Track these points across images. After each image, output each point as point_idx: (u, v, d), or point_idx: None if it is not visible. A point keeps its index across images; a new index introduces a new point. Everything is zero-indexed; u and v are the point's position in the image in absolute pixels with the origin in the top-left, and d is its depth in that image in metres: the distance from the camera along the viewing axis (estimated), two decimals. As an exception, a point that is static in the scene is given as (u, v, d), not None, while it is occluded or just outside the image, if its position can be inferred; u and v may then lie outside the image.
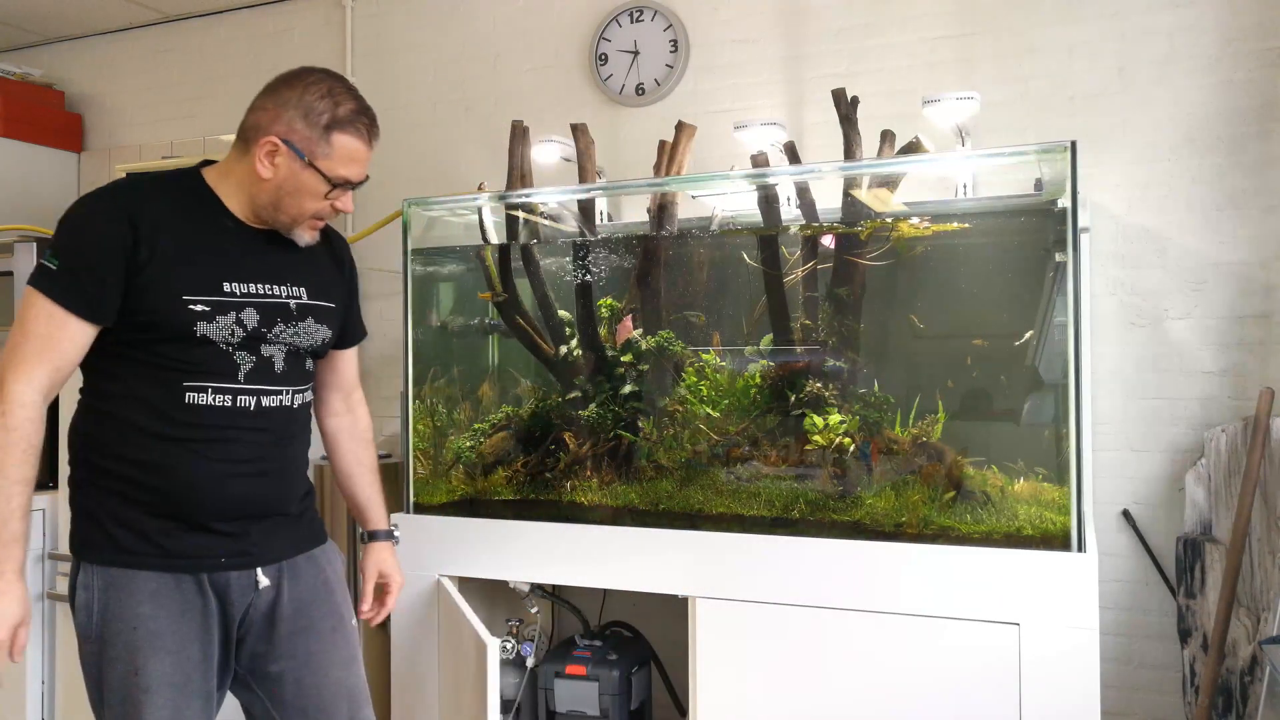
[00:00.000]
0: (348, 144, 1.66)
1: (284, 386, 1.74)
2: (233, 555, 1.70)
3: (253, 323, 1.68)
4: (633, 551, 2.33)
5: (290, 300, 1.74)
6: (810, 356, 2.45)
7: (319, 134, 1.65)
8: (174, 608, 1.65)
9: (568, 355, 2.68)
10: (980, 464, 2.28)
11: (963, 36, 2.88)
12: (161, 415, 1.63)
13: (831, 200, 2.50)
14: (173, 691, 1.63)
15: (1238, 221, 2.62)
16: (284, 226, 1.72)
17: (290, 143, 1.65)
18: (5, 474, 1.54)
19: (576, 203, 2.87)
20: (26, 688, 3.15)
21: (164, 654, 1.63)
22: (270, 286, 1.72)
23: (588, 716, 2.51)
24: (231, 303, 1.66)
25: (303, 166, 1.65)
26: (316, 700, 1.77)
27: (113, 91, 4.14)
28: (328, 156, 1.65)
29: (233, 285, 1.67)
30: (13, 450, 1.54)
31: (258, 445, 1.71)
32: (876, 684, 2.11)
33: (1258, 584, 2.46)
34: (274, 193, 1.68)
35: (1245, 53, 2.61)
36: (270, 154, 1.66)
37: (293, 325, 1.74)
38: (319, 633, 1.78)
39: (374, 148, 1.72)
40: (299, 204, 1.68)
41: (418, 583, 2.51)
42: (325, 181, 1.66)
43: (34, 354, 1.58)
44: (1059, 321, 2.11)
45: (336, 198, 1.70)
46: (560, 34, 3.36)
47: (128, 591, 1.63)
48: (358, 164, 1.69)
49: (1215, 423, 2.61)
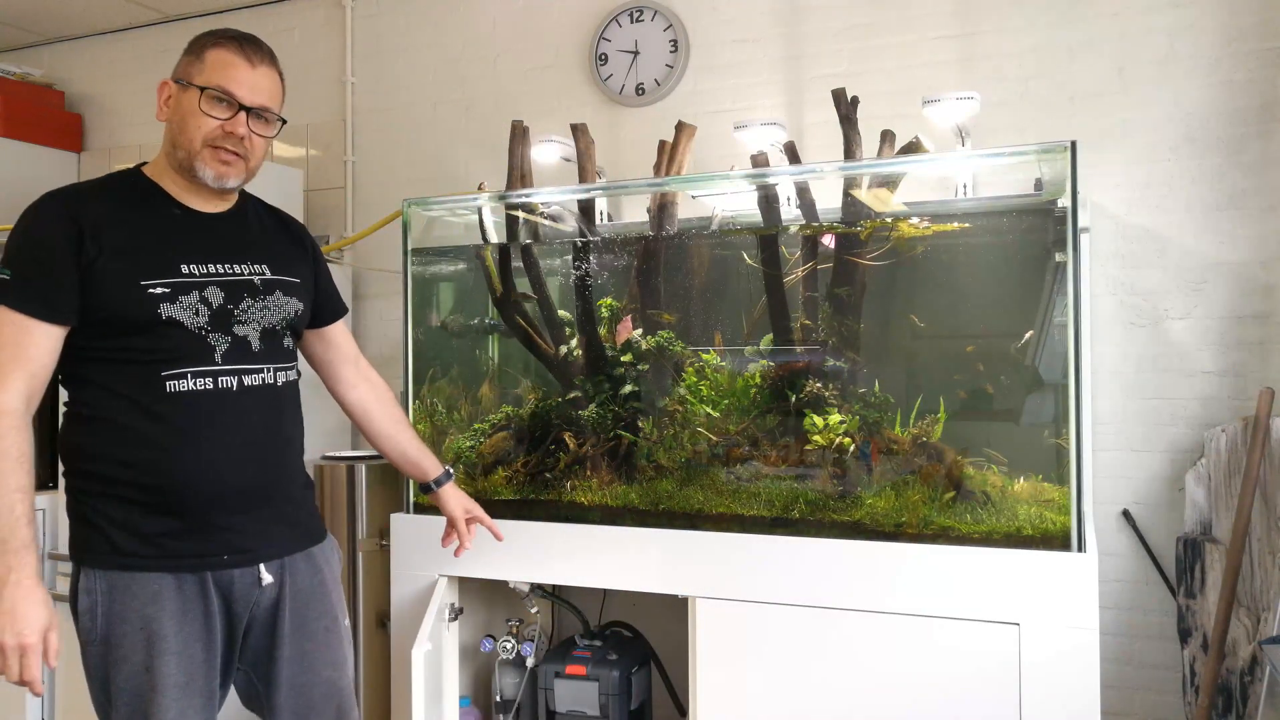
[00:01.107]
0: (217, 55, 1.68)
1: (264, 365, 1.74)
2: (234, 553, 1.69)
3: (218, 300, 1.68)
4: (633, 551, 2.33)
5: (254, 276, 1.74)
6: (810, 356, 2.45)
7: (194, 58, 1.70)
8: (175, 609, 1.64)
9: (568, 355, 2.68)
10: (980, 464, 2.28)
11: (963, 36, 2.88)
12: (145, 410, 1.63)
13: (831, 200, 2.50)
14: (178, 692, 1.63)
15: (1238, 221, 2.62)
16: (192, 168, 1.70)
17: (175, 79, 1.71)
18: (3, 483, 1.53)
19: (576, 203, 2.87)
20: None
21: (169, 655, 1.63)
22: (230, 265, 1.72)
23: (588, 716, 2.51)
24: (192, 283, 1.66)
25: (183, 90, 1.69)
26: (307, 699, 1.78)
27: (113, 91, 4.14)
28: (201, 71, 1.68)
29: (190, 266, 1.67)
30: (5, 460, 1.54)
31: (246, 428, 1.70)
32: (876, 684, 2.11)
33: (1258, 584, 2.46)
34: (173, 132, 1.70)
35: (1245, 53, 2.62)
36: (165, 99, 1.72)
37: (260, 300, 1.73)
38: (312, 633, 1.79)
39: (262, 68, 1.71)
40: (189, 132, 1.68)
41: (417, 582, 2.51)
42: (199, 91, 1.66)
43: (7, 363, 1.58)
44: (1059, 321, 2.11)
45: (221, 115, 1.67)
46: (560, 34, 3.36)
47: (130, 594, 1.63)
48: (233, 73, 1.68)
49: (1215, 423, 2.61)
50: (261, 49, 1.73)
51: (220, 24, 4.09)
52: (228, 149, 1.68)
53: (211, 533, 1.67)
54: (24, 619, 1.50)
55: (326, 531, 1.90)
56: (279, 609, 1.75)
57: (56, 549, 3.18)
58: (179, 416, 1.64)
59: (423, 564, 2.51)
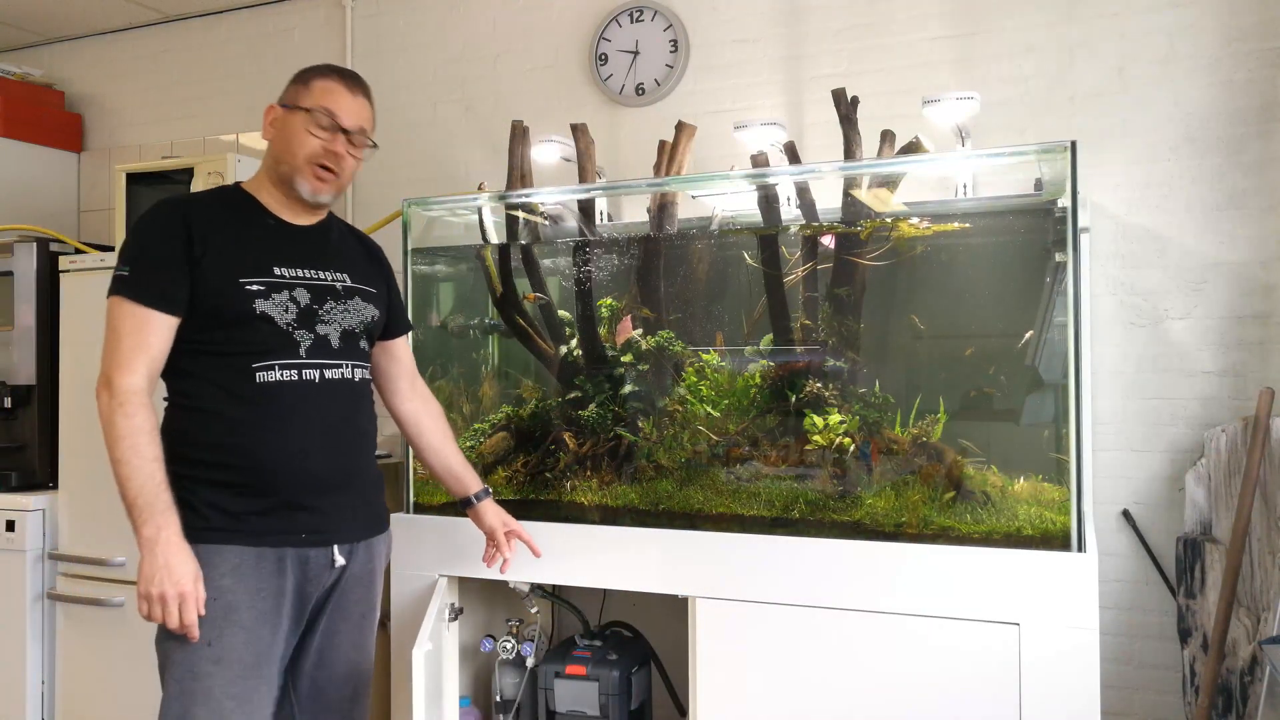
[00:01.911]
0: (322, 83, 1.90)
1: (343, 361, 1.92)
2: (312, 533, 1.85)
3: (305, 300, 1.87)
4: (633, 551, 2.33)
5: (336, 282, 1.94)
6: (810, 356, 2.45)
7: (300, 86, 1.92)
8: (252, 584, 1.78)
9: (568, 355, 2.68)
10: (980, 464, 2.28)
11: (963, 36, 2.88)
12: (237, 398, 1.80)
13: (831, 200, 2.50)
14: (242, 669, 1.76)
15: (1238, 221, 2.62)
16: (292, 182, 1.90)
17: (282, 103, 1.93)
18: (142, 454, 1.72)
19: (576, 203, 2.87)
20: (26, 687, 3.15)
21: (238, 629, 1.76)
22: (316, 271, 1.92)
23: (588, 716, 2.51)
24: (283, 283, 1.86)
25: (289, 112, 1.90)
26: (329, 674, 1.94)
27: (113, 91, 4.14)
28: (307, 96, 1.89)
29: (281, 269, 1.87)
30: (141, 435, 1.73)
31: (327, 417, 1.88)
32: (876, 684, 2.11)
33: (1258, 584, 2.46)
34: (276, 150, 1.91)
35: (1245, 53, 2.61)
36: (271, 121, 1.93)
37: (341, 303, 1.93)
38: (349, 615, 1.96)
39: (359, 97, 1.93)
40: (293, 151, 1.88)
41: (417, 582, 2.51)
42: (304, 112, 1.87)
43: (130, 351, 1.77)
44: (1059, 321, 2.11)
45: (324, 138, 1.88)
46: (560, 34, 3.36)
47: (211, 565, 1.76)
48: (336, 99, 1.89)
49: (1215, 423, 2.61)
50: (360, 82, 1.96)
51: (220, 23, 4.12)
52: (325, 166, 1.90)
53: (294, 513, 1.83)
54: (179, 571, 1.69)
55: (388, 524, 2.08)
56: (334, 589, 1.92)
57: (57, 549, 3.18)
58: (267, 404, 1.82)
59: (423, 564, 2.51)
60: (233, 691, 1.74)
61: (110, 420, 1.75)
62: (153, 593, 1.69)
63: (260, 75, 3.86)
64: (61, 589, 3.17)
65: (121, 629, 3.07)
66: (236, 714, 1.75)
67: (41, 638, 3.18)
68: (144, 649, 2.98)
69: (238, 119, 3.88)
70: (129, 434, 1.73)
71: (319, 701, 1.95)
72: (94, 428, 3.28)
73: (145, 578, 1.69)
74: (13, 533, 3.18)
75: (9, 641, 3.17)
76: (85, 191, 4.17)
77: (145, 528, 1.70)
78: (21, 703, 3.15)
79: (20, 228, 3.45)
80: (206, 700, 1.73)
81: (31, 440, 3.30)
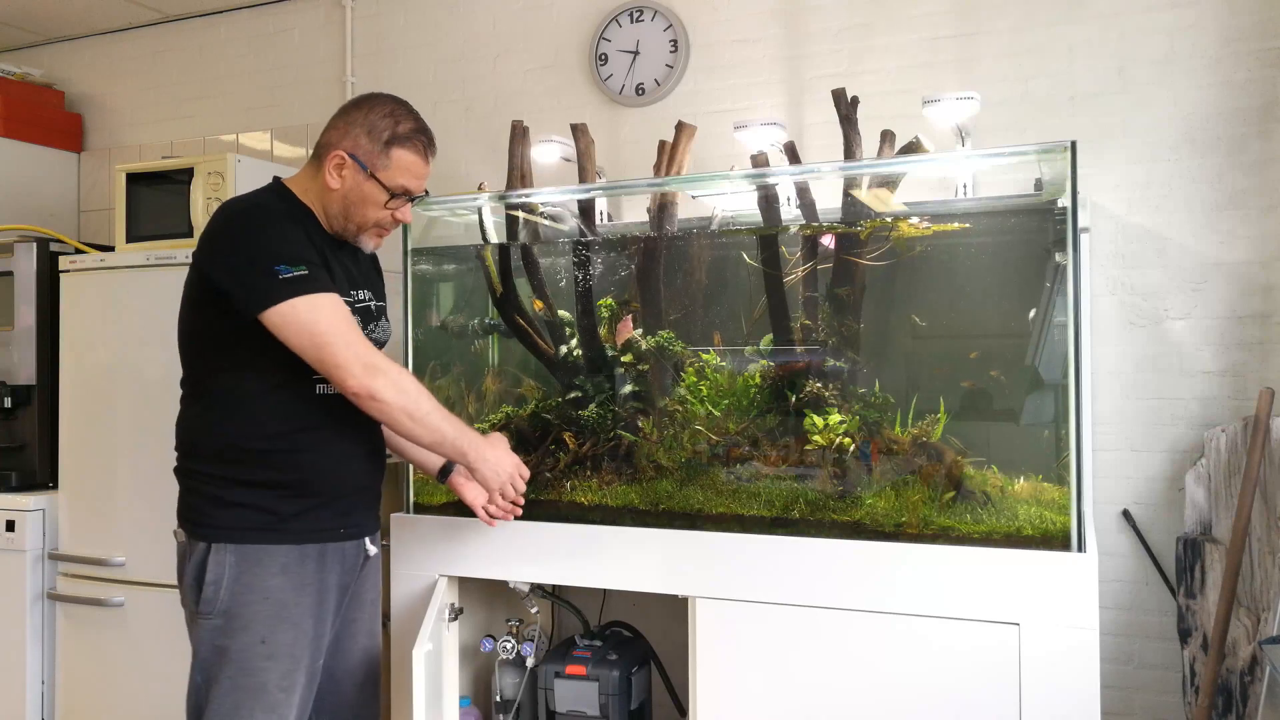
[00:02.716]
0: (405, 158, 1.89)
1: None
2: (349, 528, 1.95)
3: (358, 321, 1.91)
4: (633, 551, 2.33)
5: (370, 303, 2.01)
6: (810, 356, 2.45)
7: (380, 148, 1.87)
8: (298, 581, 1.85)
9: (568, 355, 2.68)
10: (980, 464, 2.27)
11: (963, 36, 2.88)
12: (297, 409, 1.86)
13: (831, 200, 2.50)
14: (291, 663, 1.83)
15: (1238, 221, 2.62)
16: (350, 235, 1.94)
17: (355, 156, 1.87)
18: (433, 401, 1.88)
19: (576, 203, 2.87)
20: (26, 688, 3.15)
21: (288, 625, 1.83)
22: (360, 292, 1.98)
23: (588, 716, 2.51)
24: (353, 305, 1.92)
25: (365, 178, 1.87)
26: (345, 662, 2.01)
27: (113, 91, 4.14)
28: (387, 168, 1.88)
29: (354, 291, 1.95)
30: (422, 393, 1.87)
31: (368, 428, 1.97)
32: (876, 684, 2.11)
33: (1258, 584, 2.46)
34: (341, 202, 1.90)
35: (1245, 53, 2.62)
36: (338, 167, 1.88)
37: (376, 324, 2.02)
38: (363, 603, 2.05)
39: (431, 163, 1.96)
40: (363, 213, 1.90)
41: (417, 582, 2.51)
42: (385, 191, 1.88)
43: (358, 336, 1.81)
44: (1059, 321, 2.11)
45: (396, 208, 1.92)
46: (560, 34, 3.36)
47: (261, 565, 1.83)
48: (415, 176, 1.92)
49: (1215, 423, 2.61)
50: (434, 144, 1.98)
51: (220, 23, 4.12)
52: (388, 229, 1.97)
53: (335, 512, 1.92)
54: (511, 457, 2.03)
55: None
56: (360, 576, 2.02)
57: (57, 549, 3.18)
58: (323, 416, 1.88)
59: (423, 564, 2.51)
60: (284, 685, 1.82)
61: (405, 390, 1.82)
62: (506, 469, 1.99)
63: (260, 75, 3.86)
64: (61, 589, 3.17)
65: (121, 629, 3.07)
66: (285, 706, 1.82)
67: (41, 638, 3.18)
68: (144, 649, 3.00)
69: (238, 119, 3.88)
70: (426, 394, 1.87)
71: (333, 687, 2.01)
72: (94, 428, 3.29)
73: (494, 467, 1.96)
74: (13, 533, 3.18)
75: (9, 641, 3.17)
76: (85, 191, 4.17)
77: (476, 442, 1.93)
78: (21, 703, 3.15)
79: (20, 228, 3.46)
80: (260, 694, 1.80)
81: (31, 440, 3.30)
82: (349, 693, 2.03)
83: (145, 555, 3.00)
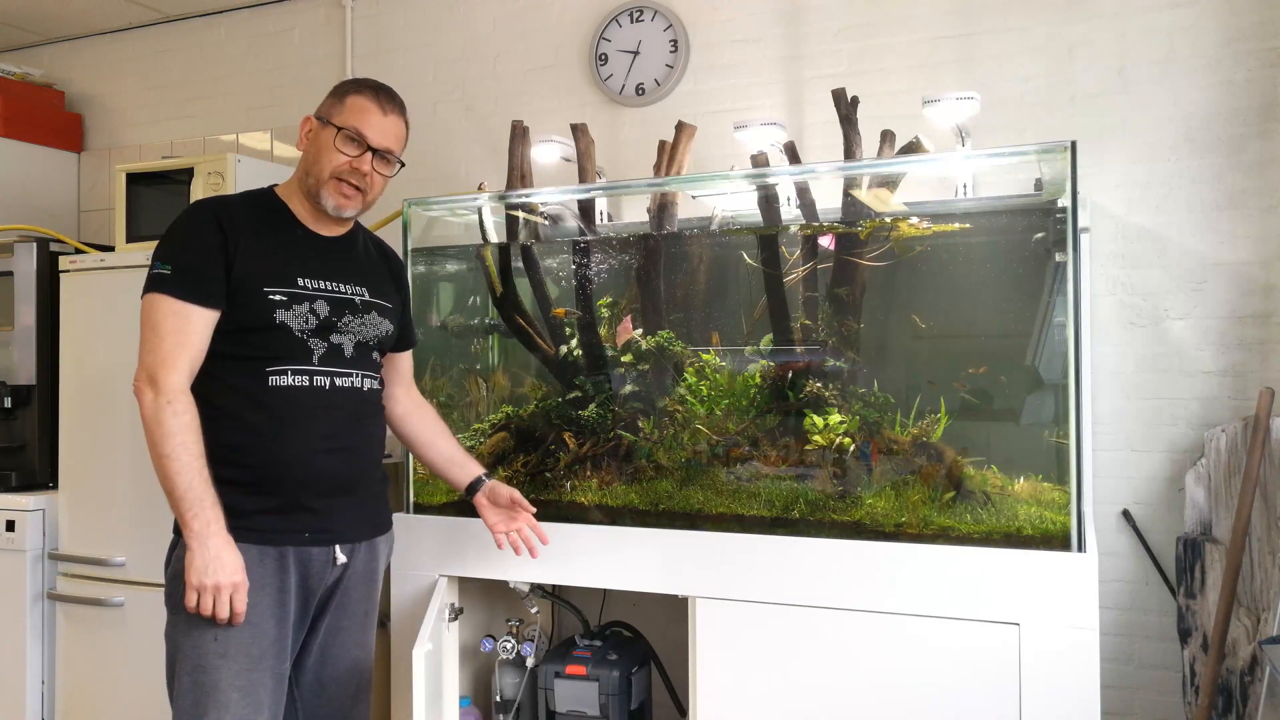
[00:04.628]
0: (356, 101, 1.94)
1: (354, 370, 1.96)
2: (316, 532, 1.90)
3: (324, 312, 1.92)
4: (633, 551, 2.33)
5: (355, 296, 1.99)
6: (810, 356, 2.45)
7: (336, 101, 1.96)
8: (256, 581, 1.81)
9: (568, 355, 2.68)
10: (980, 464, 2.27)
11: (963, 36, 2.88)
12: (251, 400, 1.85)
13: (831, 200, 2.50)
14: (248, 661, 1.80)
15: (1238, 221, 2.62)
16: (318, 195, 1.94)
17: (318, 116, 1.97)
18: (190, 451, 1.77)
19: (576, 203, 2.87)
20: (26, 687, 3.15)
21: (245, 624, 1.79)
22: (337, 284, 1.97)
23: (588, 716, 2.51)
24: (305, 294, 1.90)
25: (322, 126, 1.94)
26: (333, 671, 1.99)
27: (113, 91, 4.14)
28: (340, 113, 1.93)
29: (305, 280, 1.92)
30: (189, 432, 1.78)
31: (334, 422, 1.92)
32: (876, 684, 2.11)
33: (1258, 584, 2.46)
34: (306, 162, 1.96)
35: (1245, 53, 2.62)
36: (306, 132, 1.98)
37: (359, 317, 1.98)
38: (352, 614, 2.01)
39: (391, 116, 1.96)
40: (319, 164, 1.93)
41: (417, 582, 2.51)
42: (334, 128, 1.91)
43: (173, 348, 1.80)
44: (1059, 321, 2.11)
45: (352, 155, 1.91)
46: (560, 34, 3.36)
47: None
48: (367, 122, 1.92)
49: (1215, 423, 2.61)
50: (395, 100, 2.00)
51: (220, 23, 4.13)
52: (350, 183, 1.94)
53: (298, 513, 1.88)
54: (230, 562, 1.76)
55: (391, 524, 2.13)
56: (337, 587, 1.96)
57: (57, 549, 3.18)
58: (278, 407, 1.86)
59: (423, 564, 2.51)
60: (238, 684, 1.79)
61: (157, 418, 1.77)
62: (206, 583, 1.74)
63: (260, 75, 3.86)
64: (61, 589, 3.17)
65: (121, 629, 3.07)
66: (241, 705, 1.79)
67: (41, 638, 3.18)
68: (144, 649, 3.00)
69: (238, 119, 3.88)
70: (178, 431, 1.76)
71: (321, 698, 1.98)
72: (94, 428, 3.29)
73: (198, 570, 1.74)
74: (13, 533, 3.18)
75: (9, 641, 3.17)
76: (85, 191, 4.17)
77: (195, 522, 1.75)
78: (21, 703, 3.15)
79: (20, 228, 3.45)
80: (214, 692, 1.78)
81: (31, 440, 3.30)
82: (339, 702, 2.01)
83: (145, 555, 3.00)
